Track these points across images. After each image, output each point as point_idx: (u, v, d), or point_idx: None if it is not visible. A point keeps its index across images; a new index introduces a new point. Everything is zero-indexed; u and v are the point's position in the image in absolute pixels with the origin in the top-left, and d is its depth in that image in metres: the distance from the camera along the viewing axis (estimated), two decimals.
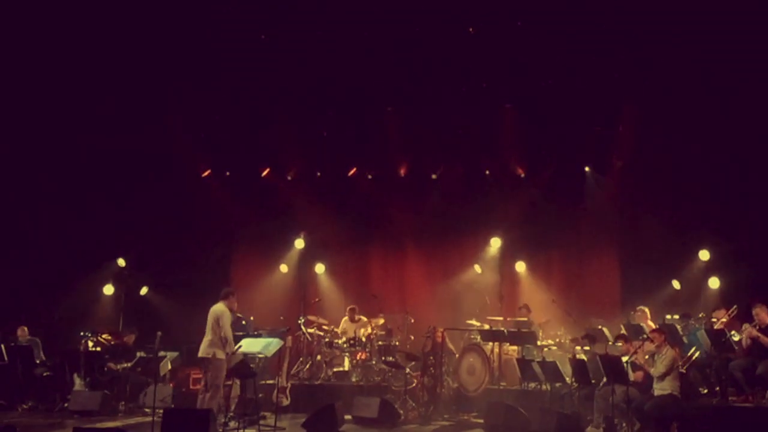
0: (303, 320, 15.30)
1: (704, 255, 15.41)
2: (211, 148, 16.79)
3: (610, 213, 16.19)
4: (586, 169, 16.42)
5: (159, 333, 13.78)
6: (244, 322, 14.36)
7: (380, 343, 14.69)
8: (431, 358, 13.96)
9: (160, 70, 14.82)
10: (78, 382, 14.41)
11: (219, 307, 12.58)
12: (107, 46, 14.39)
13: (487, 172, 16.78)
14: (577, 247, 16.57)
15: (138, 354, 14.29)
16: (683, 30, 13.38)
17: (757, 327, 11.72)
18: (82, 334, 15.00)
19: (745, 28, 13.03)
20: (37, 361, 14.59)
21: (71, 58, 14.51)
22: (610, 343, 13.06)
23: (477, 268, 16.68)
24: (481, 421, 12.93)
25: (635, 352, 11.88)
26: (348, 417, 12.78)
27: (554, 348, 14.29)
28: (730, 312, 12.59)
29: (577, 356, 12.78)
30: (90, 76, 14.72)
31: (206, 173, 17.24)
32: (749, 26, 12.99)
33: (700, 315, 13.32)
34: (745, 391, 11.83)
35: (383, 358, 14.31)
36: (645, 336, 12.47)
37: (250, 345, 12.53)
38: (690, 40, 13.50)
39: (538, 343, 14.12)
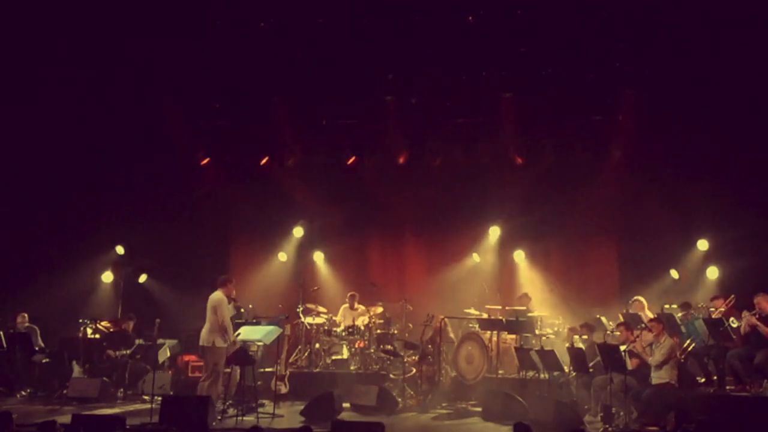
0: (302, 308, 15.33)
1: (703, 245, 15.42)
2: (209, 136, 16.76)
3: (609, 202, 16.17)
4: (586, 157, 16.36)
5: (158, 320, 13.89)
6: (242, 310, 14.38)
7: (379, 331, 14.72)
8: (430, 346, 13.99)
9: (159, 57, 14.78)
10: (77, 369, 14.46)
11: (217, 295, 12.61)
12: (105, 34, 14.36)
13: (487, 161, 16.74)
14: (576, 236, 16.55)
15: (137, 341, 14.32)
16: (683, 18, 13.37)
17: (757, 316, 11.74)
18: (80, 321, 15.07)
19: (745, 15, 13.00)
20: (36, 348, 14.61)
21: (68, 46, 14.49)
22: (609, 332, 13.10)
23: (475, 256, 16.69)
24: (479, 409, 12.97)
25: (633, 341, 11.92)
26: (346, 405, 12.81)
27: (552, 337, 14.32)
28: (728, 301, 12.61)
29: (576, 345, 12.81)
30: (90, 64, 14.69)
31: (205, 161, 17.20)
32: (750, 12, 12.96)
33: (700, 305, 13.34)
34: (743, 381, 11.87)
35: (381, 347, 14.35)
36: (643, 325, 12.51)
37: (248, 332, 12.56)
38: (690, 28, 13.49)
39: (537, 331, 14.15)
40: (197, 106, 16.00)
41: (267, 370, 13.96)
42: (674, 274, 15.38)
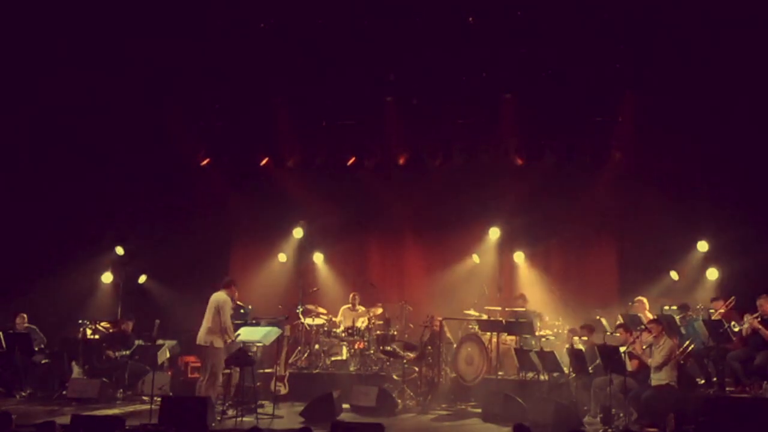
0: (301, 309, 15.32)
1: (703, 246, 15.41)
2: (210, 137, 16.75)
3: (609, 203, 16.16)
4: (586, 159, 16.34)
5: (157, 321, 13.88)
6: (243, 311, 14.39)
7: (378, 332, 14.70)
8: (429, 347, 13.99)
9: (159, 58, 14.79)
10: (76, 370, 14.46)
11: (220, 296, 12.60)
12: (106, 34, 14.37)
13: (486, 162, 16.71)
14: (576, 237, 16.54)
15: (136, 342, 14.30)
16: (683, 19, 13.37)
17: (759, 318, 11.73)
18: (80, 321, 15.06)
19: (745, 15, 13.00)
20: (36, 349, 14.59)
21: (69, 46, 14.51)
22: (609, 333, 13.10)
23: (475, 257, 16.66)
24: (479, 410, 12.98)
25: (633, 342, 11.92)
26: (346, 406, 12.81)
27: (552, 338, 14.31)
28: (727, 303, 12.60)
29: (575, 346, 12.80)
30: (90, 64, 14.70)
31: (205, 162, 17.18)
32: (750, 12, 12.96)
33: (698, 306, 13.34)
34: (743, 382, 11.88)
35: (381, 348, 14.33)
36: (643, 326, 12.51)
37: (248, 333, 12.55)
38: (690, 29, 13.49)
39: (536, 333, 14.14)
40: (197, 106, 16.00)
41: (266, 370, 13.94)
42: (674, 275, 15.36)
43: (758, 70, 13.68)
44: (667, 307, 13.85)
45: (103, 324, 15.12)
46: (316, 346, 15.16)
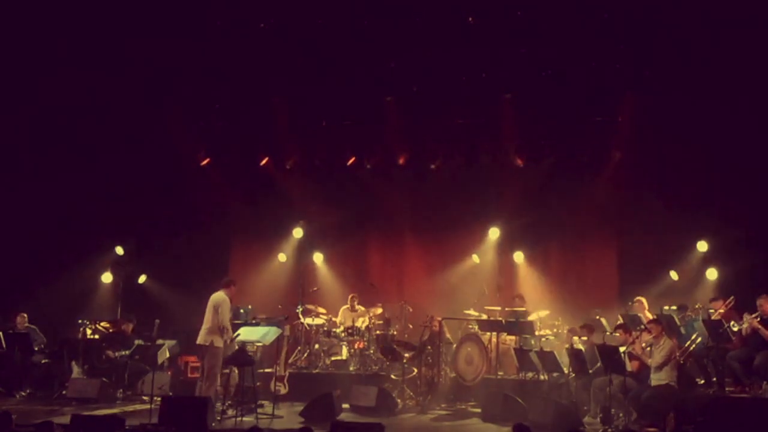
0: (301, 309, 15.32)
1: (702, 246, 15.41)
2: (210, 137, 16.75)
3: (609, 204, 16.15)
4: (586, 159, 16.34)
5: (157, 321, 13.89)
6: (242, 311, 14.38)
7: (378, 332, 14.71)
8: (429, 347, 13.99)
9: (159, 58, 14.79)
10: (76, 370, 14.46)
11: (219, 296, 12.62)
12: (105, 34, 14.37)
13: (486, 162, 16.72)
14: (576, 237, 16.55)
15: (136, 342, 14.30)
16: (683, 19, 13.37)
17: (759, 318, 11.73)
18: (80, 321, 15.08)
19: (745, 15, 13.00)
20: (36, 349, 14.60)
21: (69, 46, 14.51)
22: (608, 333, 13.10)
23: (475, 258, 16.66)
24: (479, 410, 12.98)
25: (633, 342, 11.92)
26: (346, 405, 12.81)
27: (552, 338, 14.31)
28: (727, 303, 12.59)
29: (575, 346, 12.80)
30: (90, 64, 14.69)
31: (205, 162, 17.18)
32: (750, 12, 12.96)
33: (697, 305, 13.34)
34: (742, 382, 11.88)
35: (381, 347, 14.33)
36: (643, 326, 12.50)
37: (248, 333, 12.56)
38: (690, 29, 13.49)
39: (536, 333, 14.14)
40: (197, 106, 16.01)
41: (266, 370, 13.95)
42: (674, 275, 15.36)
43: (758, 70, 13.67)
44: (666, 307, 13.84)
45: (103, 324, 15.13)
46: (316, 346, 15.17)
